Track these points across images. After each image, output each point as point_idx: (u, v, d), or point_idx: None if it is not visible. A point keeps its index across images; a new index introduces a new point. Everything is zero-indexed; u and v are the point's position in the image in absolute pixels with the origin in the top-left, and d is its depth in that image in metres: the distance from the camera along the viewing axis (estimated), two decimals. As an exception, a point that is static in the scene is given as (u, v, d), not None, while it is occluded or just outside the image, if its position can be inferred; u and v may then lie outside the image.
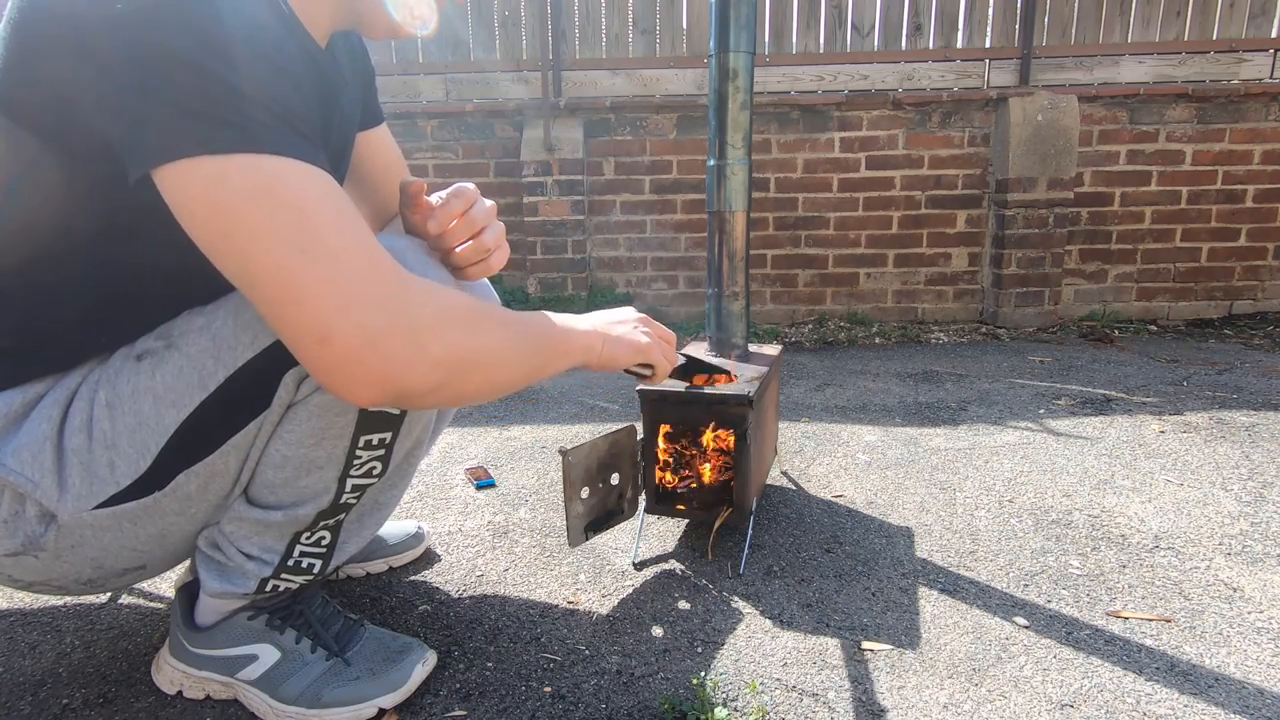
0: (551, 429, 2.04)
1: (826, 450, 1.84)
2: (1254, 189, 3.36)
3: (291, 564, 0.90)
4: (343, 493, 0.87)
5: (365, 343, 0.63)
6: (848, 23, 3.42)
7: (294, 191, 0.61)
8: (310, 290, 0.62)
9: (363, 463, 0.86)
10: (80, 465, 0.76)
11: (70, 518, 0.77)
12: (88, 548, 0.81)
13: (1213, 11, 3.34)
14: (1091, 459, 1.75)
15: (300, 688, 0.91)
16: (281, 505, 0.86)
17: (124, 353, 0.79)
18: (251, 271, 0.62)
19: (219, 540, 0.89)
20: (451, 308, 0.71)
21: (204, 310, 0.79)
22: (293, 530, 0.88)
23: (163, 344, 0.78)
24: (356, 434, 0.84)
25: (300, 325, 0.63)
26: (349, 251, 0.63)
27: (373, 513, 0.96)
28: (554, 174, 3.37)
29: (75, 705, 0.95)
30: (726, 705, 0.94)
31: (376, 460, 0.88)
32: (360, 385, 0.65)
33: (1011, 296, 3.33)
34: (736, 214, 1.43)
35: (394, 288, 0.66)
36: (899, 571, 1.26)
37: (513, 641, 1.07)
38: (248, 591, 0.89)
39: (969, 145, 3.35)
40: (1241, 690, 0.96)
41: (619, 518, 1.31)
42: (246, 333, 0.77)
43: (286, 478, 0.84)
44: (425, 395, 0.69)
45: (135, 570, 0.88)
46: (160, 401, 0.77)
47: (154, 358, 0.77)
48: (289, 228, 0.61)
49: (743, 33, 1.35)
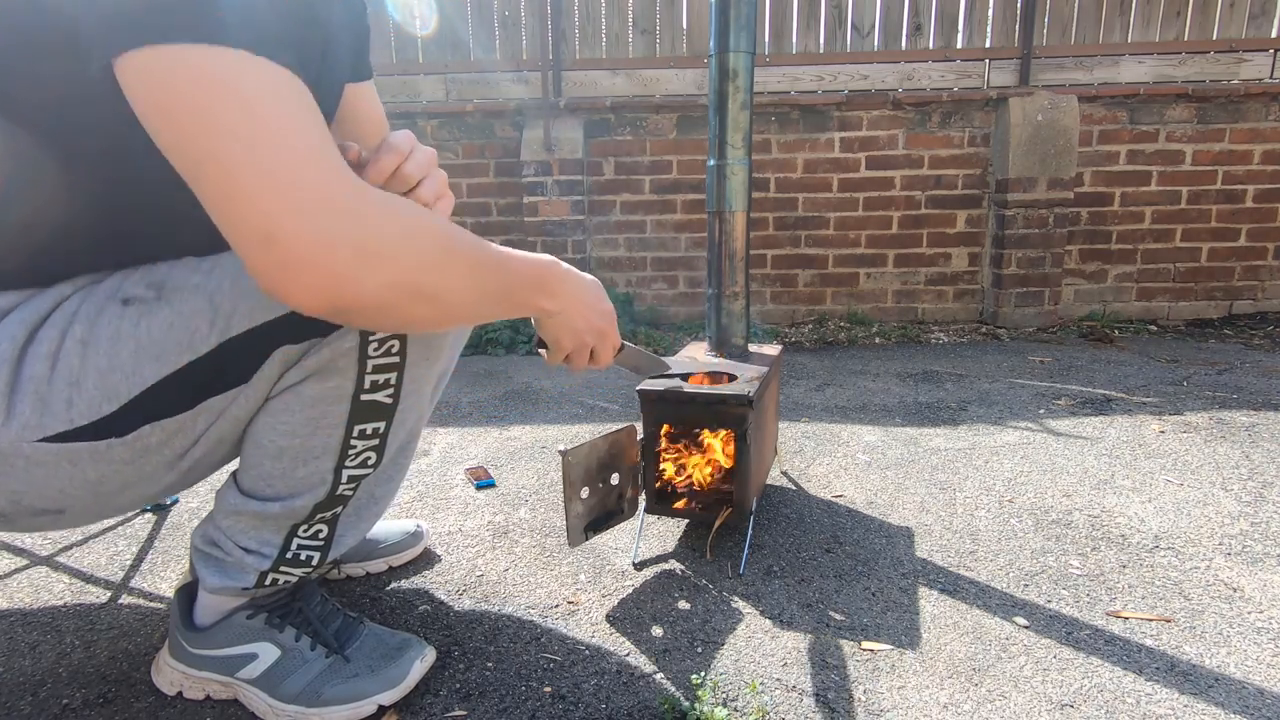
0: (551, 429, 2.04)
1: (826, 450, 1.84)
2: (1254, 189, 3.36)
3: (290, 557, 0.90)
4: (339, 484, 0.87)
5: (314, 248, 0.59)
6: (848, 23, 3.42)
7: (250, 83, 0.58)
8: (255, 185, 0.58)
9: (358, 453, 0.86)
10: (34, 394, 0.74)
11: (9, 445, 0.74)
12: (14, 479, 0.77)
13: (1213, 11, 3.34)
14: (1091, 459, 1.75)
15: (300, 685, 0.91)
16: (279, 497, 0.86)
17: (108, 291, 0.77)
18: (198, 162, 0.58)
19: (216, 537, 0.89)
20: (418, 231, 0.66)
21: (201, 267, 0.78)
22: (290, 523, 0.88)
23: (153, 294, 0.76)
24: (350, 423, 0.83)
25: (245, 223, 0.59)
26: (303, 151, 0.59)
27: (369, 506, 0.96)
28: (554, 174, 3.37)
29: (75, 705, 0.95)
30: (726, 705, 0.94)
31: (371, 450, 0.87)
32: (304, 292, 0.61)
33: (1011, 296, 3.33)
34: (736, 214, 1.43)
35: (352, 197, 0.61)
36: (899, 571, 1.26)
37: (513, 641, 1.07)
38: (247, 586, 0.89)
39: (969, 145, 3.35)
40: (1241, 690, 0.96)
41: (619, 518, 1.31)
42: (245, 302, 0.76)
43: (284, 469, 0.84)
44: (370, 314, 0.65)
45: (52, 514, 0.84)
46: (141, 353, 0.75)
47: (142, 306, 0.76)
48: (239, 118, 0.58)
49: (743, 33, 1.35)
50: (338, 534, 0.94)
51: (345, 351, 0.80)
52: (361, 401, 0.83)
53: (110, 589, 1.23)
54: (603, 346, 0.99)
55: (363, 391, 0.83)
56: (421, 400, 0.91)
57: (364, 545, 1.25)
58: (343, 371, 0.81)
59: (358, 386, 0.82)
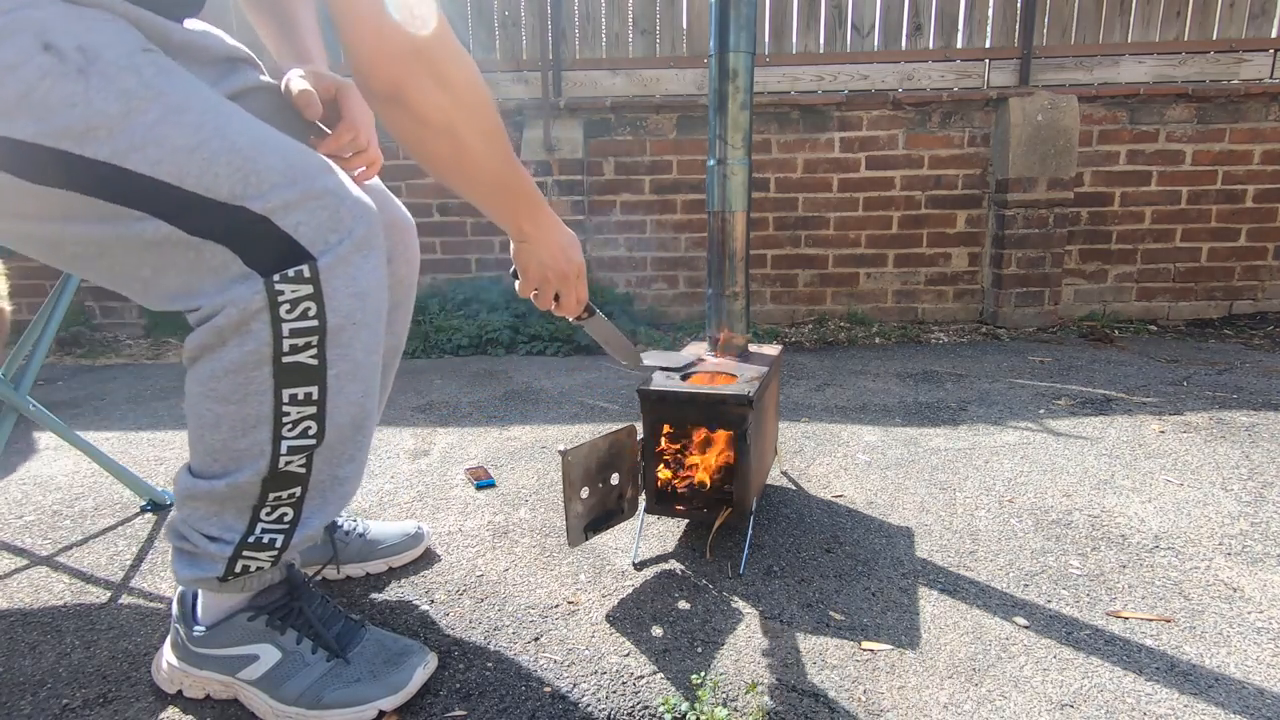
0: (551, 429, 2.04)
1: (826, 450, 1.84)
2: (1254, 189, 3.36)
3: (253, 540, 0.88)
4: (279, 454, 0.85)
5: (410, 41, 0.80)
6: (848, 23, 3.43)
7: None
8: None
9: (294, 420, 0.84)
10: None
11: None
12: None
13: (1213, 11, 3.34)
14: (1091, 459, 1.75)
15: (301, 688, 0.90)
16: (225, 473, 0.85)
17: (42, 21, 0.72)
18: None
19: (182, 529, 0.88)
20: (478, 79, 0.88)
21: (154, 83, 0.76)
22: (248, 504, 0.87)
23: (78, 59, 0.72)
24: (278, 387, 0.82)
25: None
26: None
27: (333, 488, 0.93)
28: (554, 174, 3.37)
29: (75, 705, 0.95)
30: (726, 705, 0.94)
31: (310, 419, 0.85)
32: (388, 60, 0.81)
33: (1011, 296, 3.33)
34: (736, 214, 1.43)
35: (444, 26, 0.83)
36: (899, 571, 1.26)
37: (513, 641, 1.07)
38: (218, 575, 0.88)
39: (969, 145, 3.35)
40: (1241, 690, 0.96)
41: (619, 518, 1.31)
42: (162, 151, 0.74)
43: (224, 440, 0.83)
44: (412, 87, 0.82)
45: None
46: (24, 103, 0.71)
47: (57, 64, 0.72)
48: None
49: (743, 33, 1.35)
50: (304, 517, 0.91)
51: (254, 313, 0.78)
52: (285, 364, 0.81)
53: (110, 589, 1.23)
54: (566, 293, 1.11)
55: (283, 354, 0.81)
56: (361, 370, 0.88)
57: (364, 546, 1.25)
58: (257, 334, 0.79)
59: (276, 349, 0.80)
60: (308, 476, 0.89)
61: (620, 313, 3.37)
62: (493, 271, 3.57)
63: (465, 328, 3.14)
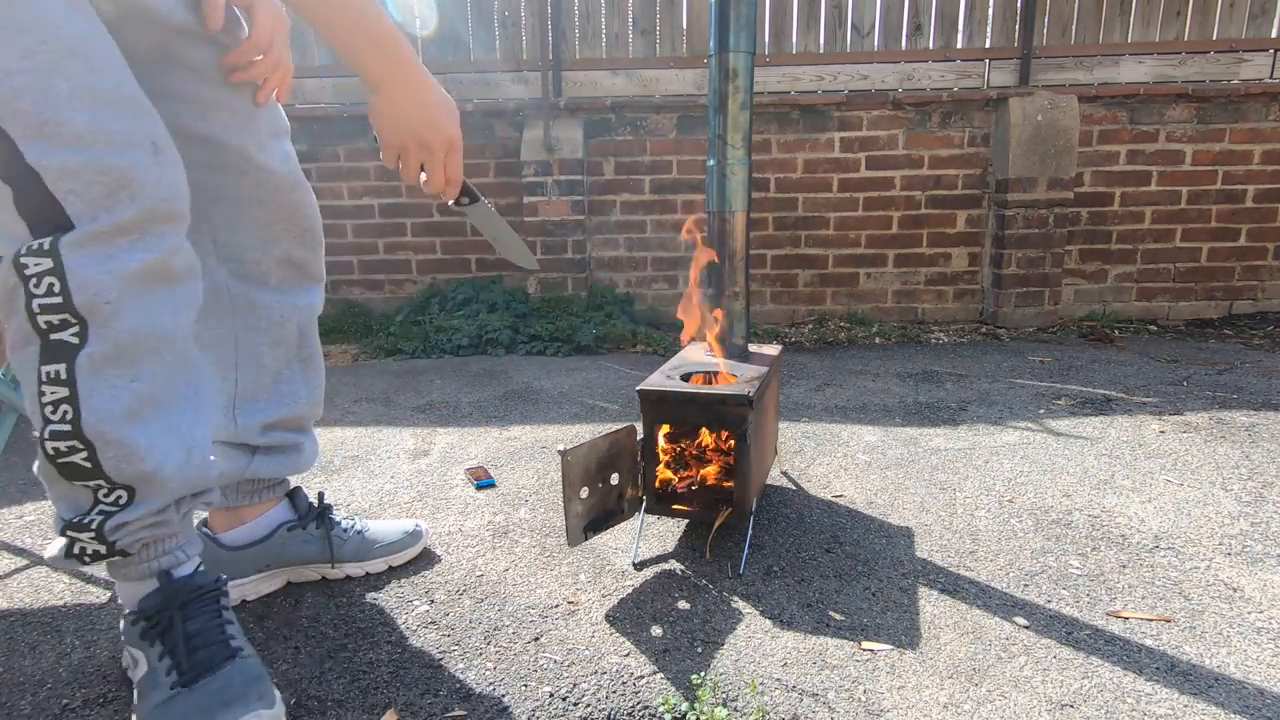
0: (551, 429, 2.04)
1: (826, 450, 1.84)
2: (1254, 189, 3.36)
3: (78, 521, 0.84)
4: (48, 422, 0.81)
5: None
6: (848, 23, 3.43)
7: None
8: None
9: (49, 401, 0.80)
10: None
11: None
12: None
13: (1213, 11, 3.34)
14: (1091, 459, 1.75)
15: (148, 708, 0.86)
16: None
17: None
18: None
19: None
20: None
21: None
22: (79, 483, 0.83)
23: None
24: (39, 364, 0.80)
25: None
26: None
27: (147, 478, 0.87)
28: (554, 174, 3.37)
29: (75, 705, 0.95)
30: (726, 705, 0.94)
31: (64, 402, 0.80)
32: None
33: (1011, 296, 3.33)
34: (736, 214, 1.43)
35: None
36: (899, 571, 1.26)
37: (512, 641, 1.07)
38: (57, 555, 0.86)
39: (969, 145, 3.35)
40: (1241, 690, 0.96)
41: (618, 518, 1.31)
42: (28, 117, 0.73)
43: (33, 408, 0.82)
44: None
45: None
46: None
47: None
48: None
49: (743, 33, 1.35)
50: (138, 500, 0.85)
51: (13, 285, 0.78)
52: (49, 340, 0.79)
53: (110, 589, 1.23)
54: (432, 167, 1.00)
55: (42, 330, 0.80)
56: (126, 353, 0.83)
57: (362, 544, 1.25)
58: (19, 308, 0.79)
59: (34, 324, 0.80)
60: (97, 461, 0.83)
61: (620, 313, 3.37)
62: (492, 271, 3.57)
63: (465, 328, 3.14)
